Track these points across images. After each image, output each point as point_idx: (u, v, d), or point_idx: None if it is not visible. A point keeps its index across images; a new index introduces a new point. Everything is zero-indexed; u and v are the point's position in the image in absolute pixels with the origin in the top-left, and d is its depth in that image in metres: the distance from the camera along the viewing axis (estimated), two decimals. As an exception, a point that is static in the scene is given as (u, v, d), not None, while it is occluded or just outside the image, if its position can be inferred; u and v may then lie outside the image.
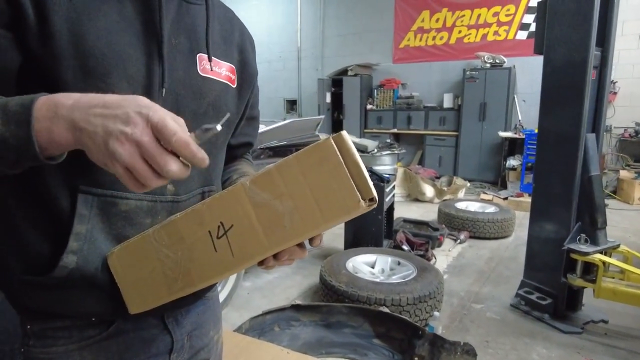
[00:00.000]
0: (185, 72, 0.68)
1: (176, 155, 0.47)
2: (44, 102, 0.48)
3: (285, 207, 0.51)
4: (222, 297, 2.74)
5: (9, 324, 1.40)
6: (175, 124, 0.47)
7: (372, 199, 0.48)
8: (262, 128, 2.86)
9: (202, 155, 0.47)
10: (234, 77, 0.77)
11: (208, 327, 0.83)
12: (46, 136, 0.47)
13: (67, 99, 0.48)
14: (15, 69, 0.56)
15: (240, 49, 0.80)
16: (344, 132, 0.49)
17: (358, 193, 0.48)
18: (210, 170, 0.76)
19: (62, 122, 0.47)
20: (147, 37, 0.63)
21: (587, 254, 2.46)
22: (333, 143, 0.48)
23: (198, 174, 0.73)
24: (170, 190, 0.69)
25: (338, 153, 0.48)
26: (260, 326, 2.21)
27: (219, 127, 0.49)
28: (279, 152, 3.06)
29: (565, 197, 2.59)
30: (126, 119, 0.45)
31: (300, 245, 0.59)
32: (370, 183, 0.49)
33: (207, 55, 0.70)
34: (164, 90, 0.65)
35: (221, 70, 0.73)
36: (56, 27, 0.55)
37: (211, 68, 0.71)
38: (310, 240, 0.59)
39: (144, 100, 0.47)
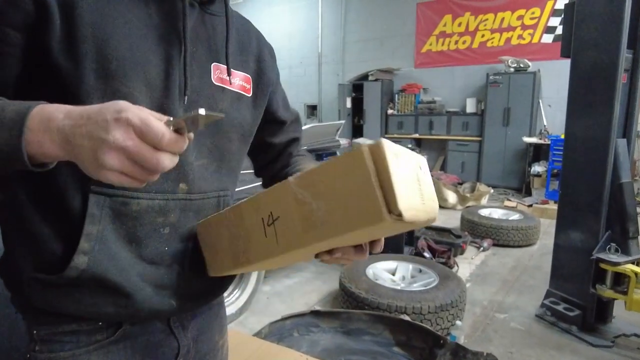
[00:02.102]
0: (199, 80, 0.69)
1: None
2: (37, 113, 0.48)
3: (319, 207, 0.52)
4: (241, 301, 2.76)
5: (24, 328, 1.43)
6: (159, 123, 0.46)
7: (399, 214, 0.47)
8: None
9: (184, 144, 0.48)
10: (249, 86, 0.78)
11: (213, 332, 0.83)
12: (37, 147, 0.48)
13: (59, 112, 0.48)
14: (14, 75, 0.58)
15: (258, 58, 0.81)
16: (383, 141, 0.48)
17: (384, 205, 0.47)
18: (225, 176, 0.77)
19: (53, 136, 0.47)
20: (168, 44, 0.64)
21: (617, 264, 2.37)
22: (366, 152, 0.48)
23: (214, 178, 0.74)
24: (182, 189, 0.69)
25: (367, 163, 0.48)
26: (280, 331, 2.20)
27: (202, 111, 0.48)
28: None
29: (594, 205, 2.50)
30: (106, 127, 0.45)
31: (357, 247, 0.60)
32: (402, 197, 0.47)
33: (223, 66, 0.72)
34: (186, 97, 0.66)
35: (235, 80, 0.74)
36: (81, 30, 0.56)
37: (229, 80, 0.73)
38: (371, 246, 0.62)
39: (121, 104, 0.46)
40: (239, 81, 0.75)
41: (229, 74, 0.72)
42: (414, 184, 0.52)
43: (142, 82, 0.61)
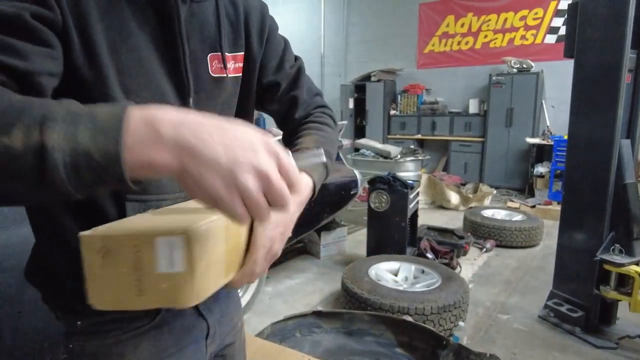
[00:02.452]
0: (197, 77, 0.69)
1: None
2: (139, 115, 0.39)
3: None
4: (243, 302, 2.76)
5: (39, 322, 1.44)
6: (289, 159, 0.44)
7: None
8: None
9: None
10: (241, 64, 0.76)
11: (232, 314, 0.87)
12: (139, 156, 0.39)
13: (166, 113, 0.40)
14: (59, 75, 0.56)
15: (246, 26, 0.78)
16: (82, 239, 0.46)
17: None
18: None
19: (167, 143, 0.39)
20: (167, 47, 0.64)
21: (621, 265, 2.36)
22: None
23: None
24: None
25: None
26: (282, 332, 2.20)
27: (323, 159, 0.47)
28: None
29: (598, 206, 2.49)
30: (254, 148, 0.40)
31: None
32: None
33: (218, 54, 0.71)
34: (190, 99, 0.67)
35: (230, 65, 0.73)
36: (99, 47, 0.57)
37: (224, 67, 0.72)
38: None
39: (256, 131, 0.43)
40: (234, 64, 0.74)
41: (225, 67, 0.71)
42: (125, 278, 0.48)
43: (156, 93, 0.62)
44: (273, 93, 0.83)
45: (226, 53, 0.72)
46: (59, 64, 0.53)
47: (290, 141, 0.82)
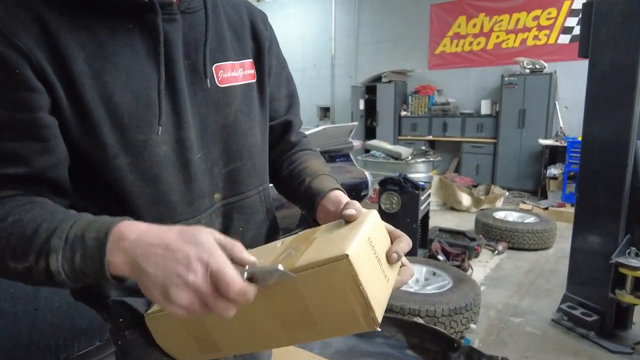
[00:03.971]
0: (203, 90, 0.69)
1: None
2: (113, 233, 0.50)
3: (299, 311, 0.55)
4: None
5: (55, 320, 1.47)
6: (234, 273, 0.47)
7: (375, 322, 0.51)
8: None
9: (251, 297, 0.48)
10: (253, 71, 0.77)
11: None
12: (112, 268, 0.50)
13: (131, 233, 0.50)
14: (66, 154, 0.61)
15: (254, 34, 0.78)
16: (351, 257, 0.49)
17: (362, 318, 0.51)
18: (262, 172, 0.80)
19: (122, 256, 0.49)
20: (159, 72, 0.64)
21: (638, 268, 2.31)
22: (340, 275, 0.50)
23: (250, 177, 0.76)
24: (218, 199, 0.73)
25: (343, 288, 0.50)
26: (292, 332, 2.20)
27: (280, 267, 0.50)
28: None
29: (613, 208, 2.45)
30: (187, 265, 0.46)
31: None
32: (377, 308, 0.51)
33: (225, 63, 0.71)
34: (196, 120, 0.69)
35: (239, 73, 0.73)
36: (89, 100, 0.58)
37: (235, 75, 0.72)
38: None
39: (205, 242, 0.48)
40: (243, 71, 0.74)
41: (210, 77, 0.70)
42: (379, 276, 0.55)
43: (155, 122, 0.63)
44: (271, 112, 0.85)
45: (230, 61, 0.72)
46: (58, 151, 0.59)
47: (284, 159, 0.87)
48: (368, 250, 0.54)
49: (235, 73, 0.73)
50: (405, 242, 0.64)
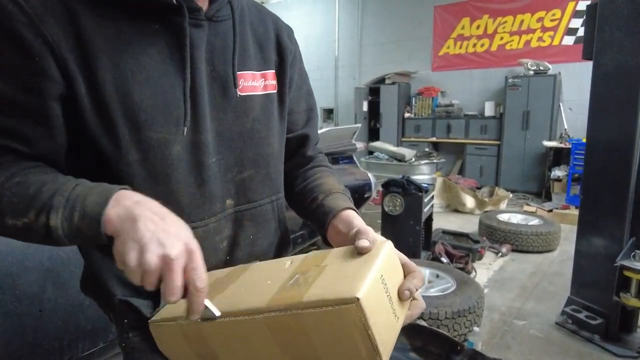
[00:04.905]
0: (224, 97, 0.70)
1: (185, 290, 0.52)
2: (116, 195, 0.54)
3: (299, 350, 0.54)
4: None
5: (59, 321, 1.47)
6: (203, 274, 0.52)
7: None
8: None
9: (198, 309, 0.53)
10: (274, 82, 0.78)
11: None
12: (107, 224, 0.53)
13: (135, 196, 0.55)
14: (64, 145, 0.63)
15: (278, 46, 0.80)
16: (362, 302, 0.48)
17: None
18: (276, 180, 0.80)
19: (121, 210, 0.53)
20: (183, 74, 0.65)
21: (642, 271, 2.30)
22: (349, 320, 0.49)
23: (264, 185, 0.77)
24: (230, 205, 0.74)
25: (351, 331, 0.49)
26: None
27: (217, 313, 0.53)
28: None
29: (618, 210, 2.44)
30: (174, 243, 0.51)
31: None
32: (385, 351, 0.51)
33: (246, 72, 0.72)
34: (213, 125, 0.70)
35: (259, 83, 0.74)
36: (107, 94, 0.59)
37: (256, 85, 0.73)
38: None
39: (193, 240, 0.53)
40: (264, 82, 0.75)
41: (234, 84, 0.71)
42: (390, 316, 0.54)
43: (172, 123, 0.64)
44: (289, 124, 0.86)
45: (251, 71, 0.73)
46: (60, 139, 0.62)
47: (298, 174, 0.87)
48: (379, 289, 0.53)
49: (256, 83, 0.74)
50: (418, 279, 0.62)
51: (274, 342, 0.54)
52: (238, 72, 0.71)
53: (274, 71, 0.78)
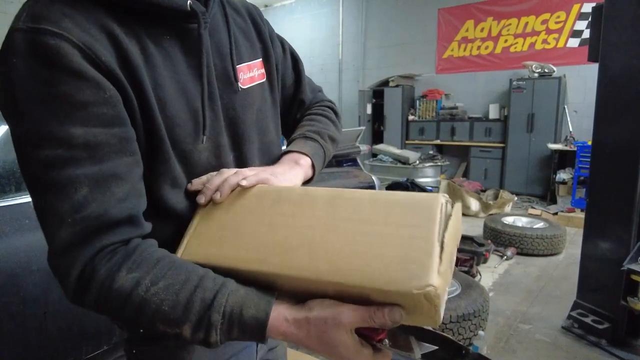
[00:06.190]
0: (231, 93, 0.70)
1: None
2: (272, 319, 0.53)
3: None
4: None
5: (63, 324, 1.47)
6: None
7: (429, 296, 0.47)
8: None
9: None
10: (262, 70, 0.78)
11: None
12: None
13: (288, 321, 0.54)
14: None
15: (258, 33, 0.79)
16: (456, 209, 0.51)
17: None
18: (275, 153, 0.80)
19: (285, 329, 0.53)
20: (200, 79, 0.64)
21: (649, 275, 2.28)
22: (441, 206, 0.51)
23: (259, 158, 0.76)
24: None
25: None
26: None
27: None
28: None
29: (624, 214, 2.42)
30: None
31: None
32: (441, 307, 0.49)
33: (243, 64, 0.72)
34: (232, 129, 0.71)
35: (254, 73, 0.75)
36: (152, 112, 0.58)
37: (251, 76, 0.74)
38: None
39: (347, 343, 0.55)
40: (257, 70, 0.76)
41: (236, 77, 0.71)
42: (448, 277, 0.52)
43: (199, 132, 0.64)
44: (285, 97, 0.87)
45: (246, 62, 0.73)
46: (141, 162, 0.60)
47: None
48: (446, 263, 0.50)
49: (252, 73, 0.74)
50: None
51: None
52: (238, 66, 0.71)
53: (261, 60, 0.77)
